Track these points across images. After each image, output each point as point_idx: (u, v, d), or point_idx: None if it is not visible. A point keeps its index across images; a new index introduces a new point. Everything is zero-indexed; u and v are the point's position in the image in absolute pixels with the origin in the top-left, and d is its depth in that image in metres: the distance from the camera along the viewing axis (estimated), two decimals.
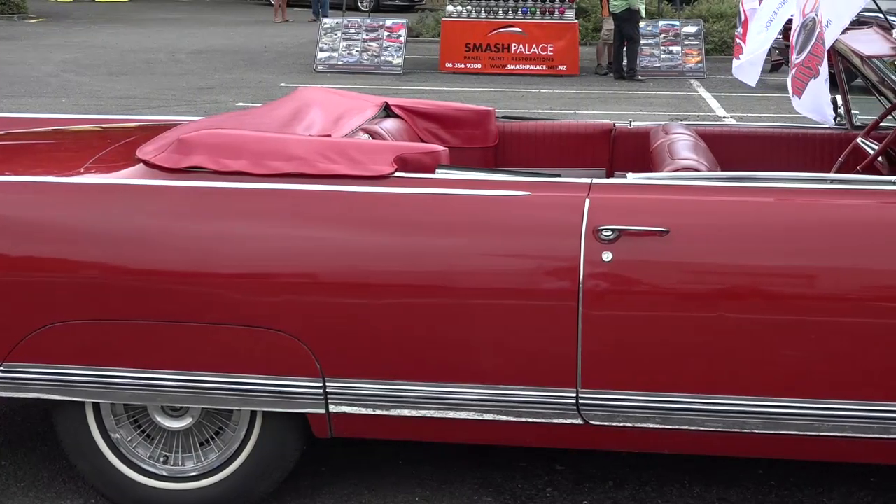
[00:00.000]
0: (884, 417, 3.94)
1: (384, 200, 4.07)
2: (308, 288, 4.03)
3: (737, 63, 5.18)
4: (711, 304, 3.94)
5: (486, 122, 5.62)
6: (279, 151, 4.16)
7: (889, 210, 3.95)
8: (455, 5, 20.91)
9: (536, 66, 20.36)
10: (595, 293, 3.92)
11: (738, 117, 14.83)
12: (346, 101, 5.25)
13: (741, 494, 4.52)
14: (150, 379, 4.13)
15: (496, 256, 4.02)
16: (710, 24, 22.72)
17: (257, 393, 4.11)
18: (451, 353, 4.05)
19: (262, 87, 17.65)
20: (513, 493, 4.53)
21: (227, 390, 4.12)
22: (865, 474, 4.65)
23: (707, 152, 4.80)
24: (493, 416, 4.08)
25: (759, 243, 3.96)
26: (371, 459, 4.78)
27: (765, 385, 3.97)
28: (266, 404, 4.15)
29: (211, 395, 4.15)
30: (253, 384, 4.10)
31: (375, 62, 20.61)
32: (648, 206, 4.01)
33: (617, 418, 4.04)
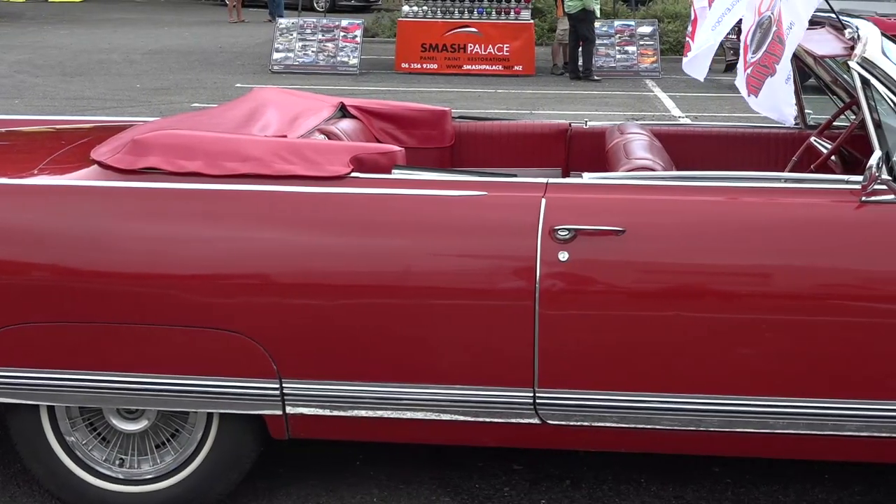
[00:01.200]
0: (837, 415, 3.98)
1: (340, 201, 4.06)
2: (264, 289, 4.02)
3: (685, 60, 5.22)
4: (667, 303, 3.96)
5: (442, 122, 5.62)
6: (235, 152, 4.15)
7: (842, 209, 3.98)
8: (411, 6, 20.90)
9: (492, 67, 20.37)
10: (551, 293, 3.93)
11: (694, 117, 14.89)
12: (302, 102, 5.24)
13: (697, 492, 4.55)
14: (106, 381, 4.11)
15: (453, 256, 4.03)
16: (664, 25, 22.80)
17: (213, 395, 4.10)
18: (408, 353, 4.05)
19: (218, 87, 17.57)
20: (470, 492, 4.53)
21: (183, 392, 4.10)
22: (820, 471, 4.68)
23: (662, 152, 4.82)
24: (450, 417, 4.09)
25: (713, 242, 3.98)
26: (328, 460, 4.77)
27: (720, 383, 3.99)
28: (222, 406, 4.14)
29: (167, 398, 4.13)
30: (209, 386, 4.08)
31: (331, 62, 20.56)
32: (604, 206, 4.02)
33: (574, 417, 4.06)
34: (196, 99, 15.99)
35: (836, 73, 4.84)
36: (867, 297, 3.93)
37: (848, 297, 3.94)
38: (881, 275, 3.93)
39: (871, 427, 3.99)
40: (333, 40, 20.79)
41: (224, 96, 15.27)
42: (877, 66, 4.08)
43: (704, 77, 5.16)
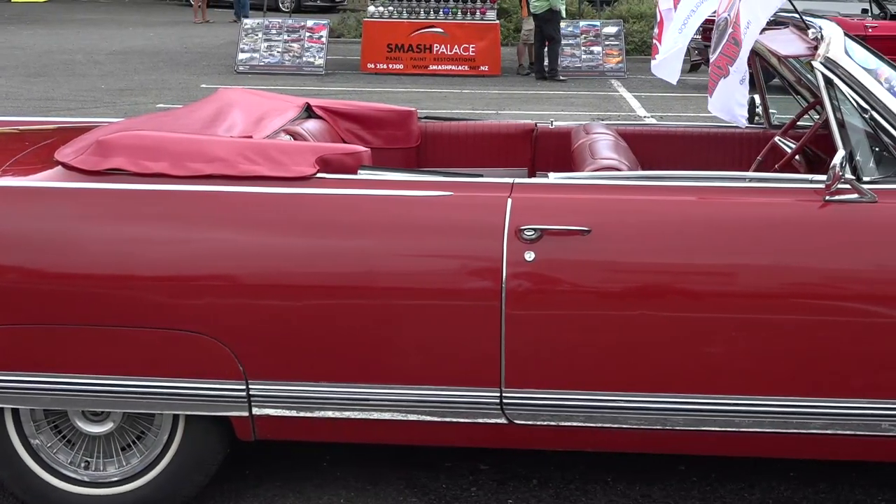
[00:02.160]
0: (802, 412, 4.00)
1: (306, 202, 4.06)
2: (230, 290, 4.01)
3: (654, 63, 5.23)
4: (633, 302, 3.97)
5: (408, 122, 5.61)
6: (200, 153, 4.13)
7: (806, 208, 4.00)
8: (376, 6, 20.89)
9: (458, 67, 20.38)
10: (518, 293, 3.94)
11: (659, 117, 14.95)
12: (268, 103, 5.23)
13: (664, 491, 4.56)
14: (71, 384, 4.08)
15: (419, 257, 4.03)
16: (630, 25, 22.89)
17: (179, 396, 4.08)
18: (375, 354, 4.04)
19: (183, 88, 17.51)
20: (437, 493, 4.53)
21: (148, 394, 4.08)
22: (786, 469, 4.71)
23: (628, 152, 4.84)
24: (417, 417, 4.09)
25: (679, 242, 3.99)
26: (295, 462, 4.76)
27: (686, 382, 4.01)
28: (188, 408, 4.13)
29: (132, 400, 4.11)
30: (175, 388, 4.07)
31: (297, 63, 20.52)
32: (570, 206, 4.03)
33: (541, 417, 4.06)
34: (161, 99, 15.93)
35: (799, 73, 4.87)
36: (831, 295, 3.95)
37: (812, 296, 3.96)
38: (845, 273, 3.96)
39: (836, 425, 4.01)
40: (299, 41, 20.75)
41: (189, 97, 15.21)
42: (840, 66, 4.10)
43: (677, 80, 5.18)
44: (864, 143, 4.13)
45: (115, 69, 20.14)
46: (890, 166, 4.10)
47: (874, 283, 3.95)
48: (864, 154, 4.10)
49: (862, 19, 19.07)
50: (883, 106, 4.05)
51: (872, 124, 4.07)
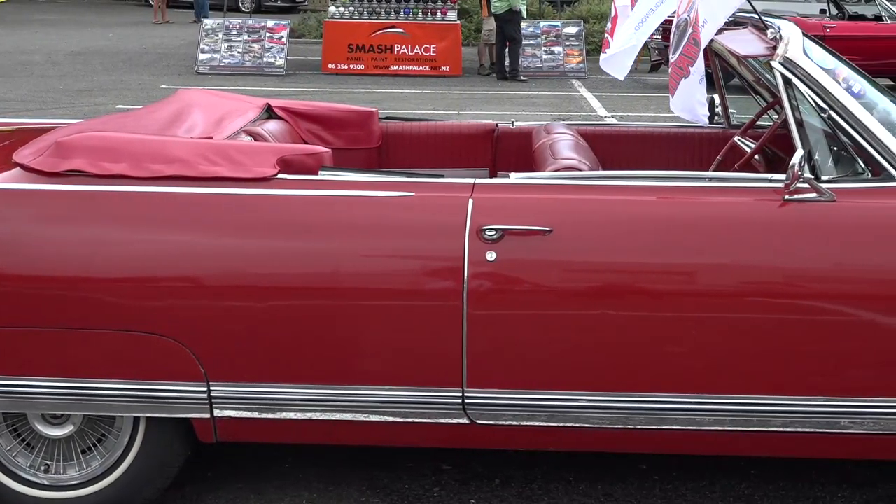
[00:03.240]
0: (763, 411, 4.03)
1: (267, 202, 4.05)
2: (191, 292, 4.00)
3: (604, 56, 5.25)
4: (594, 301, 3.98)
5: (369, 122, 5.61)
6: (160, 154, 4.11)
7: (765, 207, 4.02)
8: (337, 6, 20.85)
9: (419, 67, 20.37)
10: (479, 293, 3.94)
11: (619, 117, 15.00)
12: (228, 103, 5.21)
13: (626, 490, 4.57)
14: (29, 386, 4.06)
15: (380, 257, 4.02)
16: (590, 25, 22.93)
17: (140, 399, 4.06)
18: (337, 354, 4.04)
19: (143, 88, 17.42)
20: (400, 493, 4.53)
21: (109, 396, 4.06)
22: (746, 467, 4.73)
23: (588, 151, 4.85)
24: (379, 418, 4.09)
25: (640, 241, 4.01)
26: (257, 463, 4.75)
27: (647, 381, 4.02)
28: (149, 410, 4.11)
29: (93, 402, 4.09)
30: (136, 390, 4.05)
31: (257, 63, 20.45)
32: (531, 206, 4.04)
33: (503, 417, 4.07)
34: (121, 100, 15.84)
35: (758, 73, 4.90)
36: (790, 294, 3.98)
37: (772, 295, 3.99)
38: (804, 272, 3.98)
39: (796, 423, 4.04)
40: (259, 41, 20.68)
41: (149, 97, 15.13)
42: (798, 66, 4.13)
43: (625, 76, 5.20)
44: (823, 143, 4.16)
45: (74, 70, 20.02)
46: (848, 166, 4.14)
47: (833, 282, 3.98)
48: (822, 153, 4.13)
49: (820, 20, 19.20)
50: (841, 105, 4.08)
51: (831, 124, 4.10)
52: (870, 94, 4.40)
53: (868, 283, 3.97)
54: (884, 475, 4.68)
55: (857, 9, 20.38)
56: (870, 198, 4.03)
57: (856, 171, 4.12)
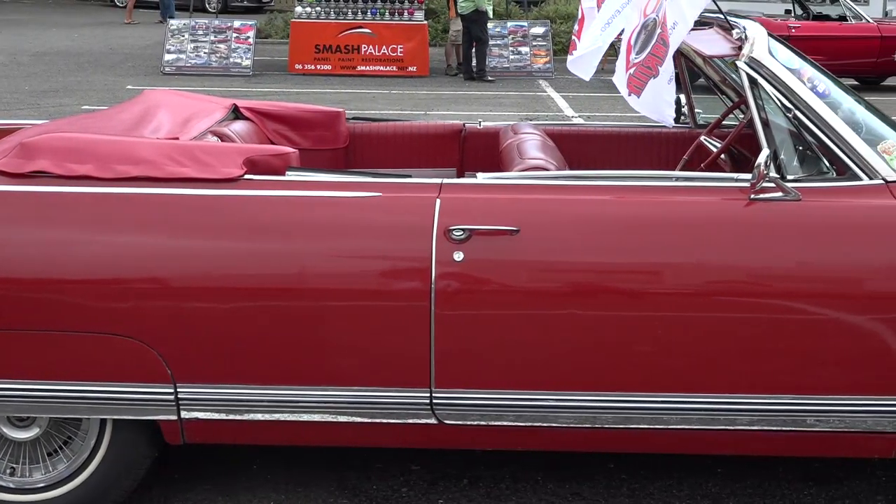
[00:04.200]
0: (730, 409, 4.04)
1: (233, 203, 4.04)
2: (157, 293, 3.98)
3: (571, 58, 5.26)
4: (562, 301, 3.99)
5: (336, 123, 5.60)
6: (126, 155, 4.09)
7: (732, 206, 4.04)
8: (304, 6, 20.79)
9: (386, 68, 20.35)
10: (447, 293, 3.94)
11: (586, 117, 15.02)
12: (194, 104, 5.19)
13: (594, 489, 4.58)
14: None
15: (348, 258, 4.02)
16: (557, 26, 22.97)
17: (106, 401, 4.05)
18: (305, 355, 4.03)
19: (108, 89, 17.32)
20: (368, 494, 4.53)
21: (75, 399, 4.05)
22: (713, 465, 4.75)
23: (555, 151, 4.86)
24: (347, 418, 4.08)
25: (607, 241, 4.02)
26: (225, 465, 4.74)
27: (614, 380, 4.03)
28: (116, 412, 4.09)
29: (59, 405, 4.07)
30: (102, 392, 4.03)
31: (224, 64, 20.38)
32: (499, 206, 4.04)
33: (471, 417, 4.07)
34: (86, 101, 15.76)
35: (724, 73, 4.92)
36: (757, 293, 3.99)
37: (738, 294, 4.01)
38: (770, 271, 4.00)
39: (763, 421, 4.06)
40: (226, 41, 20.61)
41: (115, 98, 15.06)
42: (764, 65, 4.15)
43: (590, 77, 5.20)
44: (788, 142, 4.18)
45: (39, 70, 19.89)
46: (813, 165, 4.16)
47: (798, 281, 4.00)
48: (787, 153, 4.15)
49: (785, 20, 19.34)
50: (806, 105, 4.10)
51: (796, 123, 4.12)
52: (834, 94, 4.42)
53: (833, 282, 3.99)
54: (849, 472, 4.71)
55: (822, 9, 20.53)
56: (834, 197, 4.06)
57: (821, 171, 4.15)
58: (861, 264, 4.00)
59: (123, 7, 32.53)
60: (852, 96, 4.63)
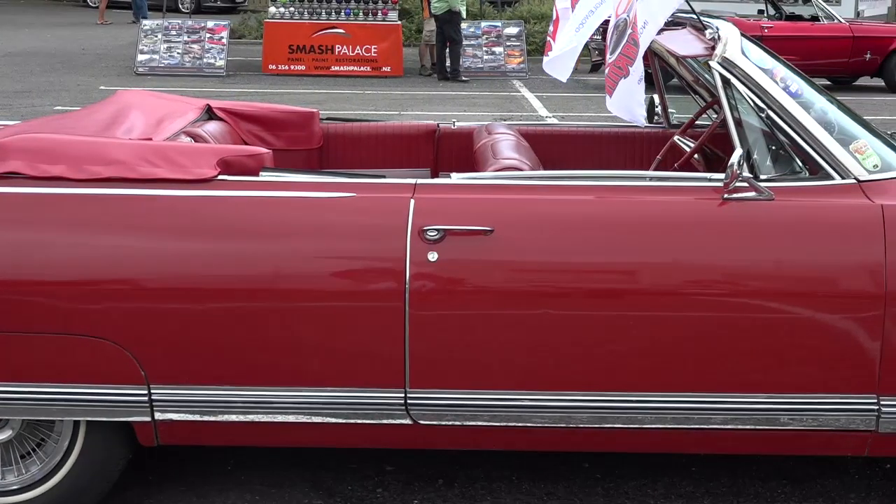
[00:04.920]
0: (704, 408, 4.05)
1: (207, 204, 4.03)
2: (131, 294, 3.97)
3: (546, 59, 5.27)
4: (536, 301, 3.99)
5: (310, 123, 5.59)
6: (98, 156, 4.08)
7: (705, 206, 4.05)
8: (277, 7, 20.76)
9: (360, 68, 20.34)
10: (421, 293, 3.94)
11: (560, 117, 15.05)
12: (168, 104, 5.17)
13: (568, 488, 4.59)
14: None
15: (322, 259, 4.02)
16: (531, 26, 22.99)
17: (80, 402, 4.03)
18: (279, 356, 4.03)
19: (81, 90, 17.26)
20: (343, 495, 4.52)
21: (48, 401, 4.03)
22: (688, 465, 4.76)
23: (529, 151, 4.87)
24: (322, 419, 4.08)
25: (581, 241, 4.03)
26: (199, 466, 4.72)
27: (589, 380, 4.04)
28: (89, 414, 4.08)
29: (32, 407, 4.05)
30: (75, 394, 4.01)
31: (197, 64, 20.32)
32: (473, 206, 4.05)
33: (445, 417, 4.07)
34: (59, 102, 15.70)
35: (697, 73, 4.93)
36: (730, 293, 4.01)
37: (712, 294, 4.02)
38: (743, 270, 4.01)
39: (737, 420, 4.07)
40: (199, 42, 20.56)
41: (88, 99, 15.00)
42: (737, 65, 4.16)
43: (567, 78, 5.21)
44: (761, 142, 4.20)
45: (11, 71, 19.80)
46: (786, 164, 4.18)
47: (772, 280, 4.01)
48: (761, 152, 4.17)
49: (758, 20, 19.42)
50: (779, 105, 4.11)
51: (769, 123, 4.14)
52: (807, 94, 4.44)
53: (806, 281, 4.01)
54: (822, 470, 4.73)
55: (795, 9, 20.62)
56: (807, 196, 4.07)
57: (794, 170, 4.16)
58: (834, 263, 4.02)
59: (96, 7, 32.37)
60: (825, 96, 4.65)
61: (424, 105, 16.43)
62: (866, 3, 25.21)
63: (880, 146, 4.35)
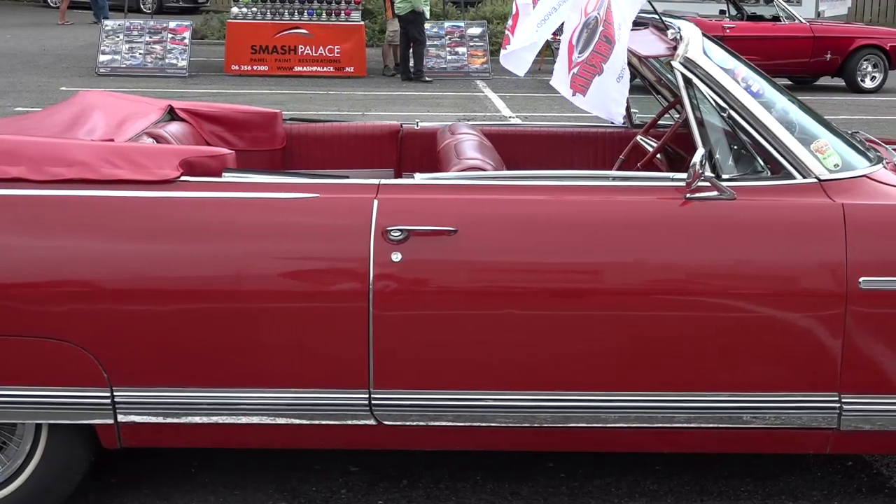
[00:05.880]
0: (667, 407, 4.07)
1: (170, 205, 4.01)
2: (93, 296, 3.95)
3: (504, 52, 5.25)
4: (500, 301, 4.00)
5: (273, 124, 5.58)
6: (60, 157, 4.06)
7: (668, 205, 4.07)
8: (240, 7, 20.68)
9: (324, 68, 20.29)
10: (385, 294, 3.94)
11: (523, 117, 15.07)
12: (130, 105, 5.15)
13: (532, 488, 4.60)
14: None
15: (286, 259, 4.01)
16: (494, 26, 22.99)
17: (42, 405, 4.01)
18: (242, 357, 4.02)
19: (42, 91, 17.15)
20: (308, 496, 4.51)
21: (9, 403, 4.00)
22: (651, 463, 4.78)
23: (493, 152, 4.87)
24: (286, 420, 4.07)
25: (544, 241, 4.03)
26: (162, 468, 4.70)
27: (553, 380, 4.05)
28: (51, 416, 4.05)
29: None
30: (37, 396, 3.99)
31: (160, 65, 20.22)
32: (436, 206, 4.05)
33: (409, 418, 4.07)
34: (19, 103, 15.59)
35: (659, 73, 4.95)
36: (692, 292, 4.03)
37: (675, 293, 4.03)
38: (706, 269, 4.03)
39: (699, 418, 4.09)
40: (161, 42, 20.45)
41: (48, 100, 14.92)
42: (698, 65, 4.19)
43: (525, 73, 5.21)
44: (723, 142, 4.22)
45: None
46: (748, 164, 4.20)
47: (734, 279, 4.03)
48: (722, 152, 4.19)
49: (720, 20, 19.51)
50: (740, 105, 4.14)
51: (730, 123, 4.16)
52: (768, 94, 4.46)
53: (768, 280, 4.03)
54: (785, 468, 4.76)
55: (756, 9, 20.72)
56: (769, 195, 4.09)
57: (755, 170, 4.19)
58: (795, 262, 4.04)
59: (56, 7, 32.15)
60: (786, 96, 4.67)
61: (388, 105, 16.42)
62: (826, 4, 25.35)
63: (841, 146, 4.38)
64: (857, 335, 4.02)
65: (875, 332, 4.05)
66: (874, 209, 4.11)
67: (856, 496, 4.56)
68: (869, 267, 4.00)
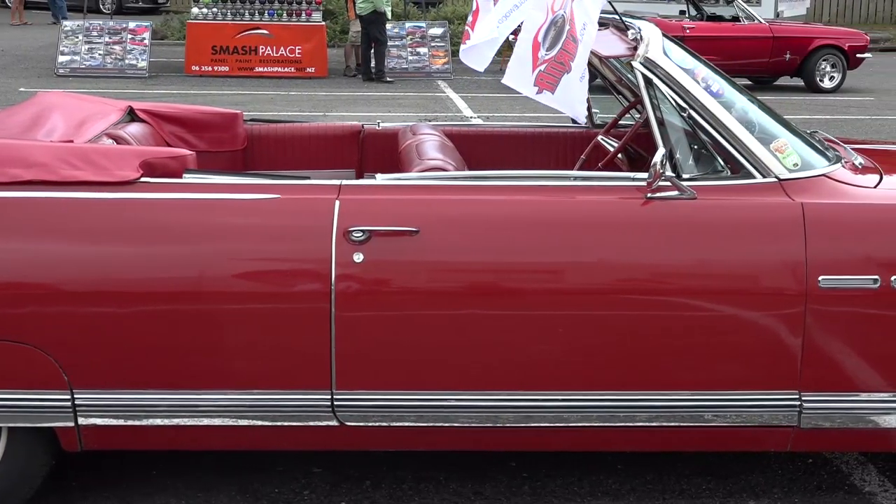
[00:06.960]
0: (629, 407, 4.09)
1: (130, 206, 3.99)
2: (52, 298, 3.93)
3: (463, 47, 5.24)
4: (462, 301, 4.01)
5: (233, 125, 5.56)
6: (18, 158, 4.03)
7: (629, 205, 4.08)
8: (200, 7, 20.60)
9: (285, 69, 20.25)
10: (347, 294, 3.94)
11: (485, 117, 15.08)
12: (89, 106, 5.12)
13: (495, 488, 4.60)
14: None
15: (247, 260, 4.00)
16: (455, 26, 23.00)
17: (1, 408, 3.98)
18: (204, 359, 4.00)
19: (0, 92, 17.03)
20: (270, 497, 4.50)
21: None
22: (613, 462, 4.79)
23: (454, 152, 4.87)
24: (248, 422, 4.06)
25: (506, 241, 4.04)
26: (124, 471, 4.68)
27: (515, 380, 4.06)
28: (10, 419, 4.03)
29: None
30: None
31: (119, 66, 20.12)
32: (398, 207, 4.05)
33: (372, 418, 4.07)
34: None
35: (620, 73, 4.97)
36: (653, 291, 4.04)
37: (636, 292, 4.05)
38: (667, 269, 4.05)
39: (661, 417, 4.11)
40: (121, 42, 20.35)
41: (7, 101, 14.82)
42: (659, 66, 4.20)
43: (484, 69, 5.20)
44: (683, 142, 4.24)
45: None
46: (708, 164, 4.22)
47: (695, 278, 4.05)
48: (683, 152, 4.21)
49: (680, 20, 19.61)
50: (700, 105, 4.16)
51: (691, 123, 4.18)
52: (728, 94, 4.48)
53: (728, 279, 4.05)
54: (746, 466, 4.78)
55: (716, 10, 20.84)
56: (729, 195, 4.12)
57: (715, 169, 4.21)
58: (755, 261, 4.06)
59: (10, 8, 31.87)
60: (745, 96, 4.70)
61: (349, 106, 16.40)
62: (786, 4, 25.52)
63: (800, 145, 4.41)
64: (817, 333, 4.05)
65: (834, 330, 4.07)
66: (833, 208, 4.14)
67: (816, 493, 4.59)
68: (828, 266, 4.03)
